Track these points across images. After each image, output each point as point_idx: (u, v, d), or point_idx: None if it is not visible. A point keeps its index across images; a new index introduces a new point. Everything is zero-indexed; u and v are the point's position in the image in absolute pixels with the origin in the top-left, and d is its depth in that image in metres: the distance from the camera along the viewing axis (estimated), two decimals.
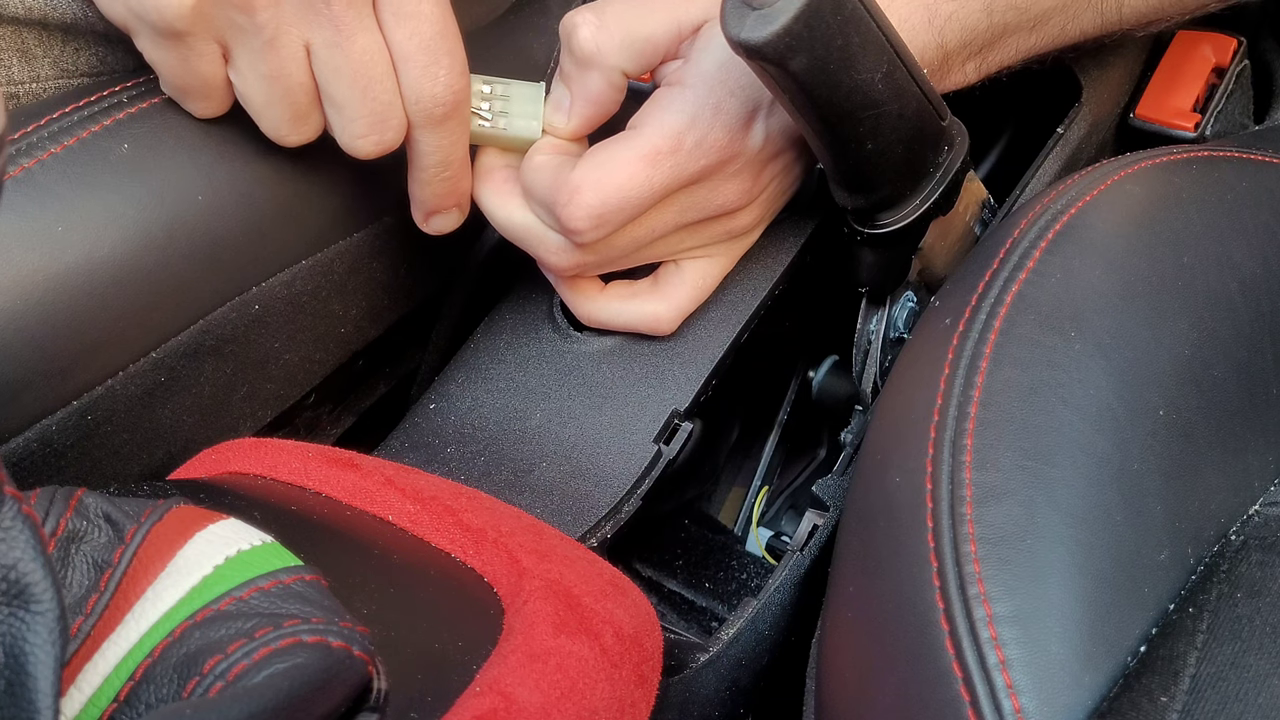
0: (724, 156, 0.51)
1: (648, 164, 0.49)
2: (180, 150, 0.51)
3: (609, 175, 0.49)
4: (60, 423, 0.49)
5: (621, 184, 0.49)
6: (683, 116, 0.50)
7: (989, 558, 0.40)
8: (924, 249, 0.56)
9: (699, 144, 0.50)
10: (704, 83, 0.50)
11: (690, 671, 0.50)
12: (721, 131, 0.50)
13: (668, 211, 0.52)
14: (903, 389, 0.48)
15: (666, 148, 0.50)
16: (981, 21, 0.53)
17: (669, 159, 0.50)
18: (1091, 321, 0.46)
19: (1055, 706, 0.38)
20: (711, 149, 0.50)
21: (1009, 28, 0.54)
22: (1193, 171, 0.52)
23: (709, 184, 0.52)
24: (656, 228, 0.52)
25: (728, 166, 0.51)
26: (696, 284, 0.56)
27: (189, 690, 0.32)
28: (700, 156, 0.50)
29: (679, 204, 0.52)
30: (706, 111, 0.50)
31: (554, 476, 0.55)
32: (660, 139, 0.50)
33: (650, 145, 0.50)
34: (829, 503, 0.55)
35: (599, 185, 0.49)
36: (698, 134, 0.50)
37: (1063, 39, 0.56)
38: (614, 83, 0.52)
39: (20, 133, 0.48)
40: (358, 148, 0.50)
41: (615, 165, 0.50)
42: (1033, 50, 0.56)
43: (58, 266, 0.47)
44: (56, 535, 0.34)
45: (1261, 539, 0.44)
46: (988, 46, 0.54)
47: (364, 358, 0.63)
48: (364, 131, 0.50)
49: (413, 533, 0.45)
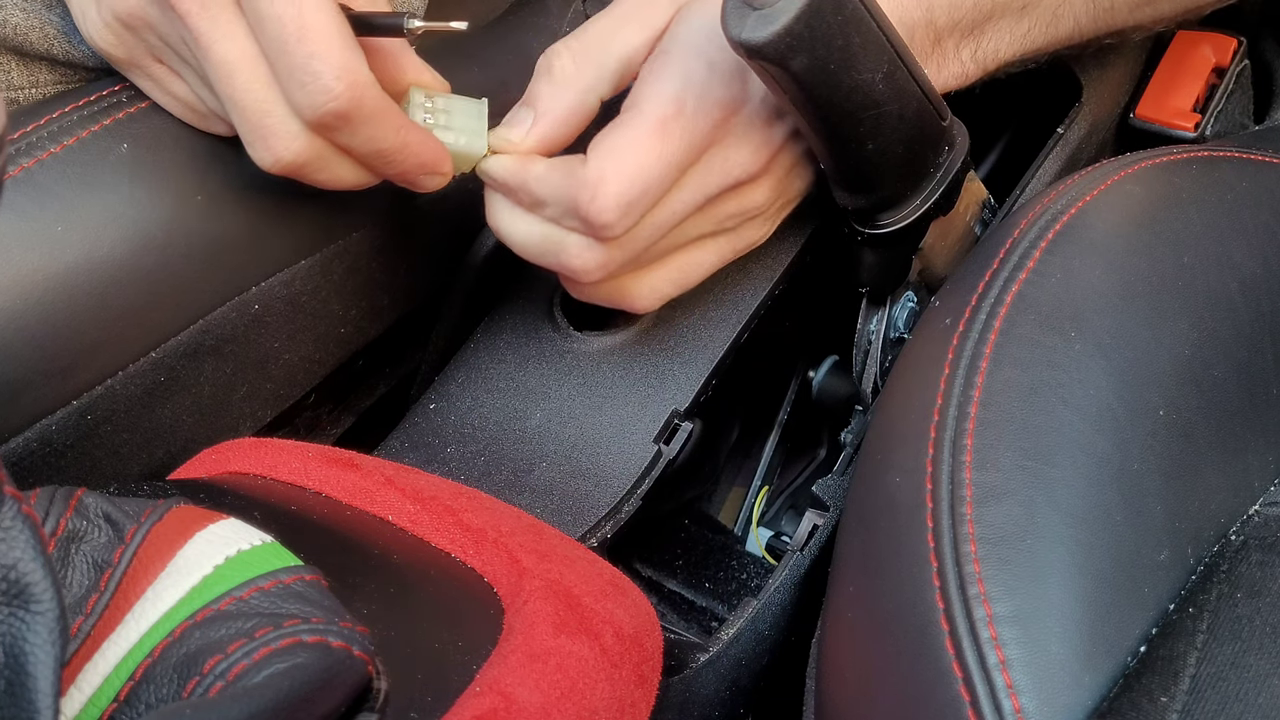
0: (729, 109, 0.50)
1: (659, 136, 0.48)
2: (180, 150, 0.51)
3: (627, 159, 0.48)
4: (60, 422, 0.49)
5: (642, 163, 0.48)
6: (676, 80, 0.49)
7: (989, 558, 0.40)
8: (924, 249, 0.56)
9: (701, 100, 0.49)
10: (688, 45, 0.49)
11: (690, 671, 0.50)
12: (719, 84, 0.49)
13: (685, 190, 0.51)
14: (903, 389, 0.48)
15: (671, 113, 0.48)
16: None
17: (676, 124, 0.48)
18: (1091, 321, 0.46)
19: (1055, 706, 0.38)
20: (715, 104, 0.49)
21: (997, 7, 0.53)
22: (1193, 171, 0.52)
23: (720, 149, 0.50)
24: (678, 209, 0.51)
25: (735, 119, 0.50)
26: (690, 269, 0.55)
27: (189, 690, 0.32)
28: (706, 113, 0.49)
29: (695, 179, 0.50)
30: (700, 69, 0.49)
31: (554, 476, 0.55)
32: (662, 107, 0.49)
33: (655, 116, 0.48)
34: (829, 503, 0.55)
35: (620, 172, 0.48)
36: (696, 91, 0.49)
37: (1056, 29, 0.56)
38: (587, 107, 0.51)
39: (20, 133, 0.48)
40: (255, 160, 0.48)
41: (629, 147, 0.48)
42: (1027, 39, 0.55)
43: (58, 266, 0.47)
44: (56, 535, 0.34)
45: (1261, 539, 0.44)
46: (978, 28, 0.53)
47: (364, 358, 0.63)
48: (250, 141, 0.47)
49: (413, 533, 0.45)
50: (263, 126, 0.46)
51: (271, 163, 0.47)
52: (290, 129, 0.46)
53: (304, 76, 0.45)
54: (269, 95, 0.46)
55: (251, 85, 0.46)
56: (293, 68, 0.45)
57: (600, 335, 0.59)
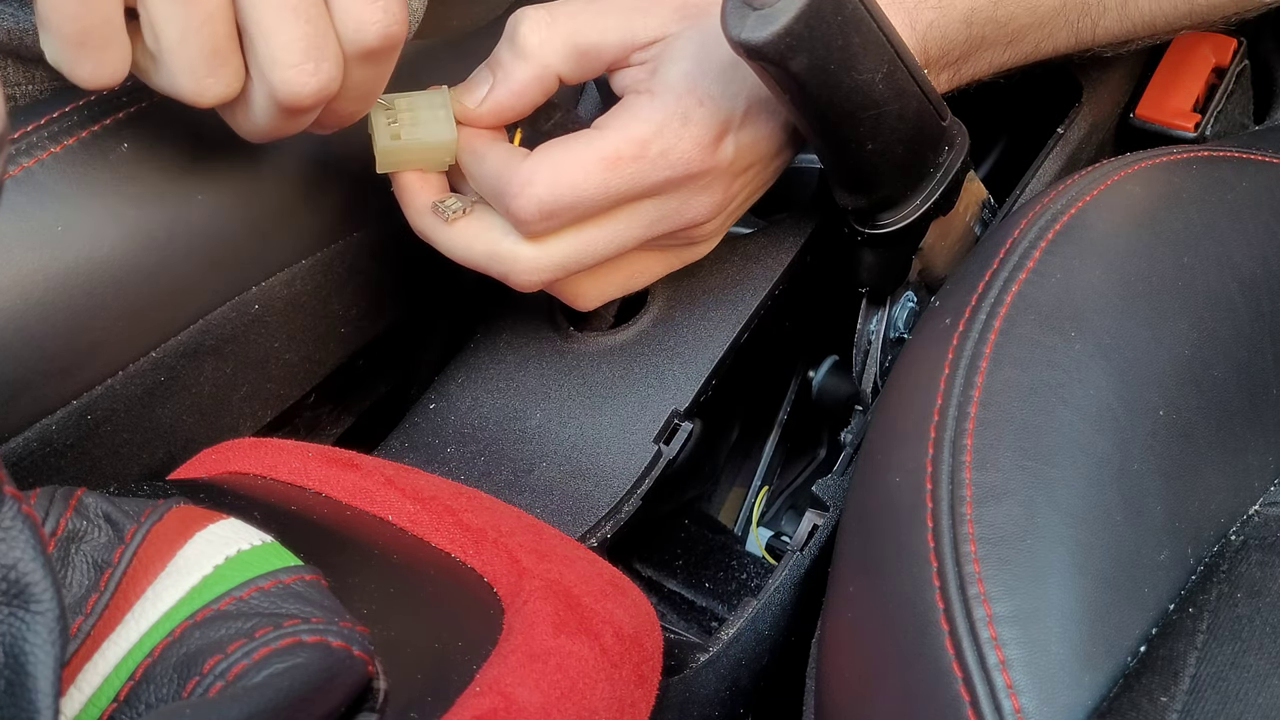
0: (692, 170, 0.50)
1: (606, 167, 0.48)
2: (180, 150, 0.51)
3: (564, 172, 0.48)
4: (60, 422, 0.49)
5: (576, 182, 0.48)
6: (649, 125, 0.49)
7: (989, 558, 0.40)
8: (924, 249, 0.56)
9: (664, 154, 0.49)
10: (672, 92, 0.49)
11: (690, 671, 0.50)
12: (690, 144, 0.49)
13: (636, 223, 0.51)
14: (903, 389, 0.48)
15: (629, 154, 0.49)
16: (961, 33, 0.52)
17: (630, 165, 0.49)
18: (1091, 321, 0.46)
19: (1055, 706, 0.38)
20: (678, 161, 0.49)
21: (986, 40, 0.54)
22: (1193, 171, 0.52)
23: (680, 196, 0.51)
24: (620, 232, 0.51)
25: (698, 180, 0.50)
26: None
27: (189, 690, 0.32)
28: (665, 167, 0.49)
29: (644, 211, 0.51)
30: (675, 122, 0.49)
31: (554, 476, 0.55)
32: (624, 144, 0.49)
33: (612, 149, 0.49)
34: (829, 503, 0.55)
35: (553, 181, 0.48)
36: (663, 144, 0.49)
37: (1036, 55, 0.56)
38: (545, 82, 0.51)
39: (20, 132, 0.48)
40: (291, 83, 0.44)
41: (572, 163, 0.49)
42: (1005, 64, 0.56)
43: (58, 266, 0.47)
44: (56, 535, 0.34)
45: (1261, 539, 0.44)
46: (963, 58, 0.54)
47: (364, 358, 0.63)
48: (298, 60, 0.43)
49: (413, 533, 0.45)
50: (320, 46, 0.44)
51: (315, 86, 0.44)
52: (338, 49, 0.44)
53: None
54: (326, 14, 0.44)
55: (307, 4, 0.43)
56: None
57: (600, 335, 0.59)
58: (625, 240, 0.51)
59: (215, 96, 0.45)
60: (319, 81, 0.44)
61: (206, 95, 0.45)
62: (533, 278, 0.51)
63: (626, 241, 0.51)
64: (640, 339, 0.58)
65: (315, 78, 0.44)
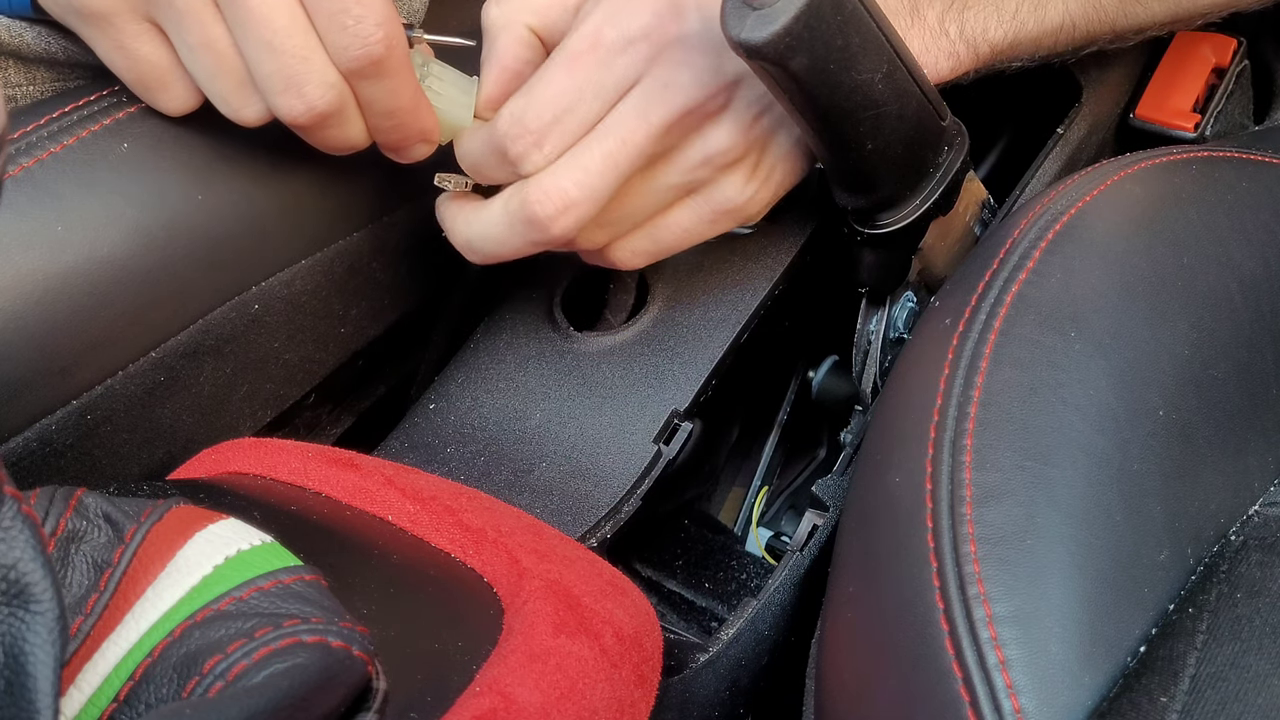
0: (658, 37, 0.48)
1: (567, 69, 0.48)
2: (180, 149, 0.51)
3: (536, 91, 0.49)
4: (60, 422, 0.49)
5: (550, 95, 0.48)
6: (597, 15, 0.49)
7: (989, 558, 0.40)
8: (924, 249, 0.56)
9: (621, 32, 0.48)
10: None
11: (690, 671, 0.50)
12: (647, 13, 0.48)
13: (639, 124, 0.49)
14: (903, 389, 0.48)
15: (585, 47, 0.48)
16: None
17: (591, 56, 0.48)
18: (1091, 321, 0.46)
19: (1055, 706, 0.38)
20: (639, 33, 0.48)
21: None
22: (1193, 172, 0.52)
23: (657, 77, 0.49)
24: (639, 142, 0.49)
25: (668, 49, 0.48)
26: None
27: (189, 690, 0.32)
28: (627, 44, 0.48)
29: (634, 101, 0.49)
30: (621, 6, 0.48)
31: (554, 476, 0.55)
32: (577, 43, 0.48)
33: (567, 52, 0.48)
34: (829, 503, 0.55)
35: (529, 102, 0.48)
36: (616, 24, 0.48)
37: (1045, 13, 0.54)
38: (523, 39, 0.51)
39: (20, 132, 0.48)
40: (281, 109, 0.47)
41: (537, 83, 0.49)
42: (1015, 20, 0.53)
43: (58, 266, 0.47)
44: (56, 535, 0.34)
45: (1261, 539, 0.44)
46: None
47: (364, 358, 0.63)
48: (280, 88, 0.46)
49: (413, 533, 0.45)
50: (299, 73, 0.46)
51: (303, 110, 0.47)
52: (327, 77, 0.46)
53: (347, 20, 0.45)
54: (308, 40, 0.46)
55: (292, 29, 0.45)
56: (335, 11, 0.45)
57: (600, 335, 0.59)
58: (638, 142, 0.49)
59: (255, 118, 0.49)
60: (305, 105, 0.47)
61: (247, 119, 0.49)
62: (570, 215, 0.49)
63: (640, 144, 0.49)
64: (640, 339, 0.58)
65: (301, 101, 0.47)
